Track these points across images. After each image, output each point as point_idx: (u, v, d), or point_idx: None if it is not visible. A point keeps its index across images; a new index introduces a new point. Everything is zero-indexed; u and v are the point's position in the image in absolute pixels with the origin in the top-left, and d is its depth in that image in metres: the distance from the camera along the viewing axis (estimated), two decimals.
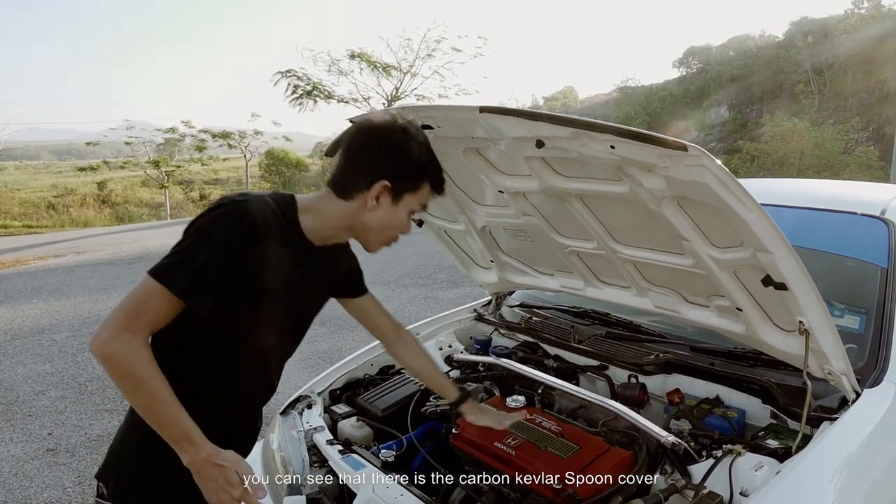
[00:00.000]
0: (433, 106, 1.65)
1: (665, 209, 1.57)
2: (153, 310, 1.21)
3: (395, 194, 1.38)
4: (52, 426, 3.96)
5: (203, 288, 1.22)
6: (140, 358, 1.18)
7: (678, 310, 2.09)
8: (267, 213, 1.28)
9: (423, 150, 1.40)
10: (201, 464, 1.23)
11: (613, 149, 1.39)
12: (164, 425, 1.21)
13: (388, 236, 1.46)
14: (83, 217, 25.90)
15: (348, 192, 1.37)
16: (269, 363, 1.51)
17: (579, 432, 1.84)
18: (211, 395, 1.39)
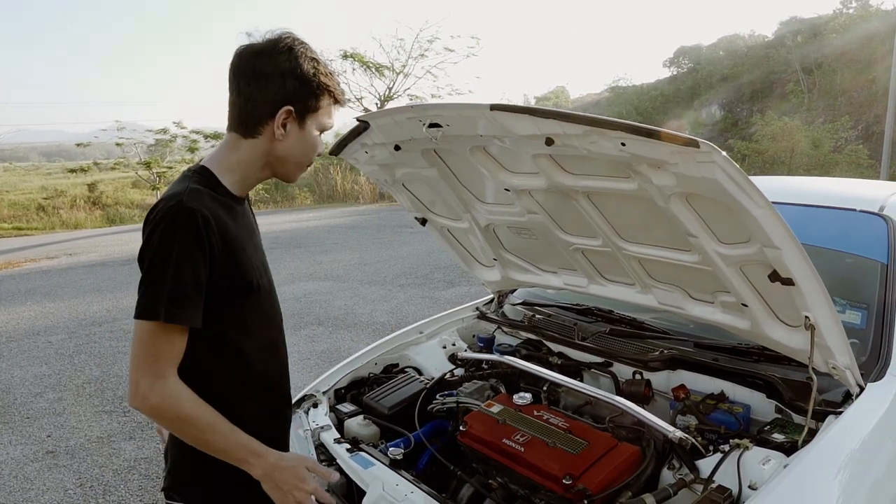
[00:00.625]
0: (443, 104, 1.65)
1: (673, 206, 1.59)
2: (162, 346, 1.20)
3: (300, 117, 1.34)
4: (51, 428, 3.95)
5: (186, 303, 1.20)
6: (182, 397, 1.20)
7: (682, 306, 2.11)
8: (203, 197, 1.26)
9: (315, 65, 1.34)
10: (271, 471, 1.26)
11: (624, 146, 1.40)
12: (226, 451, 1.24)
13: (304, 162, 1.42)
14: (74, 219, 25.68)
15: (252, 128, 1.33)
16: (278, 325, 1.52)
17: (587, 428, 1.85)
18: (251, 386, 1.40)
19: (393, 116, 1.83)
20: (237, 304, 1.33)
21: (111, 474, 3.35)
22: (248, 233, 1.42)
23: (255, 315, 1.40)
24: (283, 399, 1.57)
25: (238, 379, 1.38)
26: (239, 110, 1.33)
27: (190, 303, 1.21)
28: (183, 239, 1.19)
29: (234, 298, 1.32)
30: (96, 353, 5.47)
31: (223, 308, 1.29)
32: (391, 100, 21.84)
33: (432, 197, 2.48)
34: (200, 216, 1.21)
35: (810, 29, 27.65)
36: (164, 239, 1.20)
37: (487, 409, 1.99)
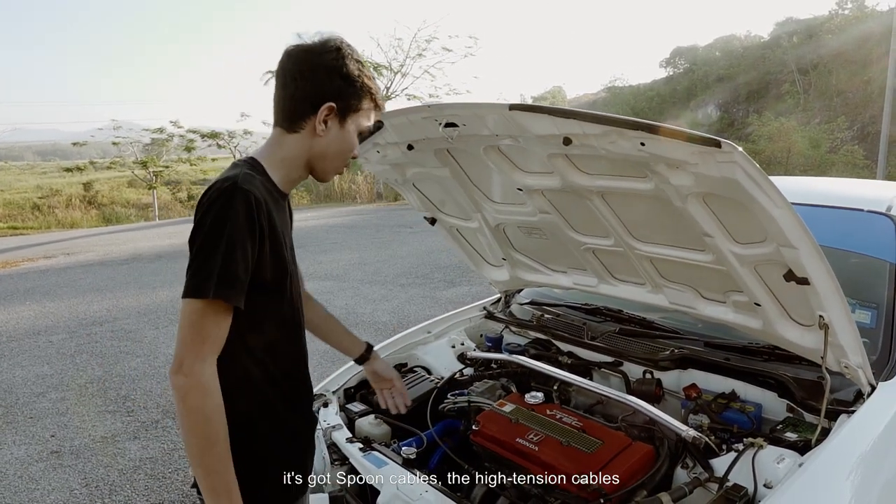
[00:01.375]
0: (460, 104, 1.65)
1: (690, 206, 1.59)
2: (209, 327, 1.21)
3: (342, 116, 1.37)
4: (54, 428, 3.93)
5: (235, 283, 1.21)
6: (210, 393, 1.19)
7: (694, 306, 2.11)
8: (256, 185, 1.28)
9: (360, 66, 1.38)
10: None
11: (643, 146, 1.41)
12: (214, 471, 1.20)
13: (341, 162, 1.45)
14: (69, 218, 25.60)
15: (295, 122, 1.37)
16: (297, 313, 1.51)
17: (600, 427, 1.86)
18: (284, 368, 1.43)
19: (408, 116, 1.83)
20: (269, 292, 1.34)
21: (116, 474, 3.34)
22: (287, 229, 1.45)
23: (284, 307, 1.42)
24: (304, 390, 1.59)
25: (275, 360, 1.40)
26: (284, 105, 1.37)
27: (239, 283, 1.22)
28: (236, 220, 1.20)
29: (269, 285, 1.33)
30: (98, 353, 5.44)
31: (257, 293, 1.29)
32: (389, 99, 21.82)
33: (442, 196, 2.48)
34: (254, 198, 1.23)
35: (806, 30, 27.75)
36: (217, 219, 1.20)
37: (500, 408, 1.99)
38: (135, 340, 5.78)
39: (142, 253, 11.41)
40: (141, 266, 10.01)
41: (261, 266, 1.27)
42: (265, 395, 1.39)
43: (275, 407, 1.40)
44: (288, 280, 1.39)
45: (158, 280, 8.70)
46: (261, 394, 1.38)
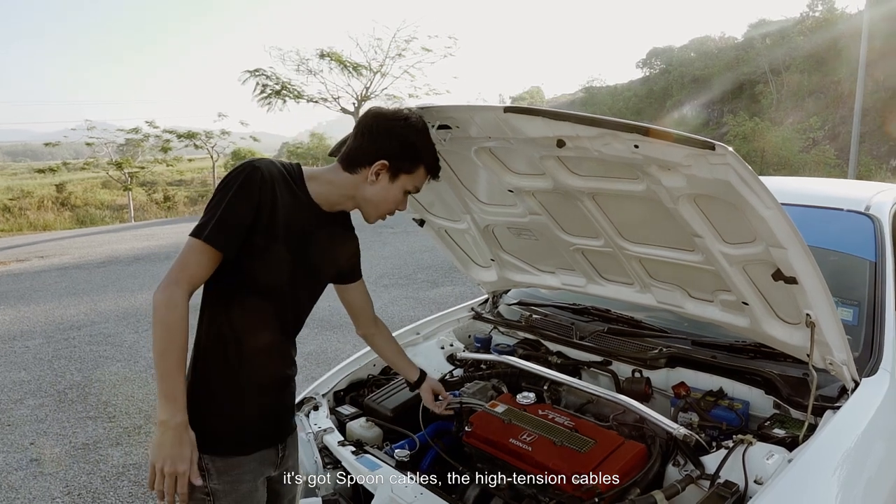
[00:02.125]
0: (455, 106, 1.66)
1: (681, 206, 1.61)
2: (193, 262, 1.41)
3: (393, 173, 1.58)
4: (33, 436, 3.85)
5: (225, 232, 1.41)
6: (176, 307, 1.37)
7: (682, 305, 2.14)
8: (273, 169, 1.49)
9: (421, 137, 1.59)
10: (172, 426, 1.37)
11: (637, 148, 1.42)
12: (165, 376, 1.37)
13: (384, 210, 1.64)
14: (42, 220, 25.11)
15: (353, 166, 1.58)
16: (287, 302, 1.61)
17: (593, 427, 1.87)
18: (253, 326, 1.54)
19: None
20: (255, 255, 1.47)
21: (99, 481, 3.28)
22: (312, 231, 1.58)
23: (263, 280, 1.52)
24: (285, 363, 1.67)
25: (246, 315, 1.53)
26: (349, 151, 1.59)
27: (228, 234, 1.41)
28: (240, 185, 1.42)
29: (254, 250, 1.46)
30: (76, 358, 5.34)
31: (249, 251, 1.46)
32: (368, 99, 21.78)
33: (431, 198, 2.48)
34: (260, 174, 1.44)
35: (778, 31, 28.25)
36: (226, 183, 1.43)
37: (492, 409, 2.00)
38: (114, 345, 5.68)
39: (119, 255, 11.23)
40: (118, 269, 9.85)
41: (252, 230, 1.44)
42: (230, 364, 1.52)
43: (236, 379, 1.53)
44: (270, 252, 1.49)
45: (137, 283, 8.56)
46: (226, 361, 1.52)
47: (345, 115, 22.01)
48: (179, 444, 1.38)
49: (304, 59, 20.75)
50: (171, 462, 1.37)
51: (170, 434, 1.37)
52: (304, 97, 21.07)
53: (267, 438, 1.60)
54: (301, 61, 20.76)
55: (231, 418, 1.52)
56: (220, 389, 1.51)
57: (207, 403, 1.49)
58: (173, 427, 1.37)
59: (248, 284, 1.50)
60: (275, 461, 1.64)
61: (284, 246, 1.51)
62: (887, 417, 1.80)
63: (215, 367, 1.51)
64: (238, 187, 1.42)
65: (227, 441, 1.51)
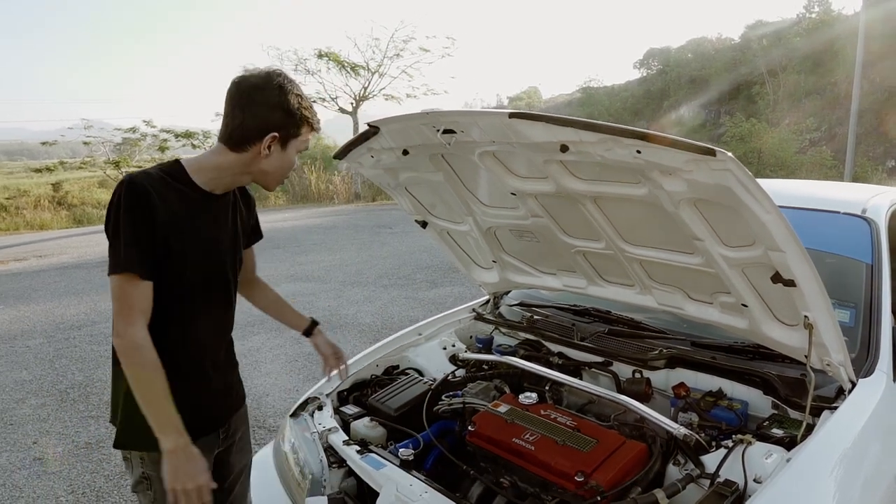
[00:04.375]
0: (460, 111, 1.69)
1: (682, 210, 1.65)
2: (130, 297, 1.45)
3: (283, 142, 1.60)
4: (36, 435, 3.86)
5: (139, 257, 1.45)
6: (142, 348, 1.44)
7: (682, 307, 2.18)
8: (149, 176, 1.50)
9: (298, 100, 1.59)
10: (178, 451, 1.44)
11: (639, 153, 1.45)
12: (156, 410, 1.44)
13: (282, 176, 1.69)
14: (39, 219, 24.99)
15: (240, 145, 1.57)
16: (208, 298, 1.67)
17: (595, 426, 1.90)
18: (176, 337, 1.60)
19: (406, 122, 1.86)
20: (171, 274, 1.53)
21: (103, 480, 3.30)
22: (207, 223, 1.62)
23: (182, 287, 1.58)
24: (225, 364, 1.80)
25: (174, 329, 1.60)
26: (231, 130, 1.57)
27: (139, 257, 1.45)
28: (125, 206, 1.45)
29: (169, 268, 1.52)
30: (77, 358, 5.35)
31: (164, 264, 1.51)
32: (366, 99, 21.78)
33: (433, 200, 2.51)
34: (143, 190, 1.46)
35: (775, 33, 28.29)
36: (113, 209, 1.47)
37: (495, 409, 2.03)
38: None
39: None
40: None
41: (157, 245, 1.48)
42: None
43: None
44: (184, 269, 1.56)
45: None
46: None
47: (342, 115, 22.00)
48: (190, 461, 1.46)
49: (301, 59, 20.77)
50: (192, 479, 1.45)
51: (180, 457, 1.45)
52: None
53: (199, 430, 1.61)
54: (299, 61, 20.78)
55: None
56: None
57: (132, 404, 1.50)
58: (181, 449, 1.45)
59: (164, 293, 1.54)
60: (215, 443, 1.76)
61: (185, 241, 1.55)
62: (883, 417, 1.83)
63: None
64: (130, 211, 1.45)
65: (154, 438, 1.50)
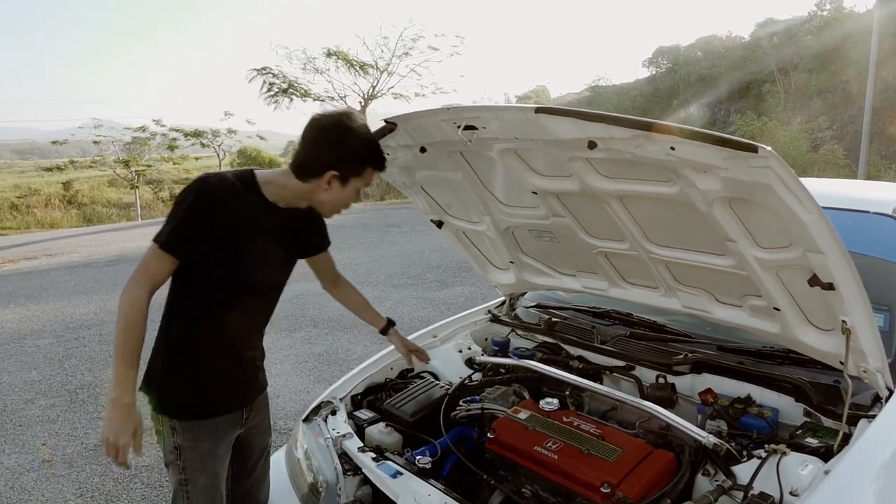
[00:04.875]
0: (482, 107, 1.62)
1: (715, 210, 1.57)
2: (152, 264, 1.61)
3: (343, 180, 1.70)
4: (45, 436, 3.82)
5: (181, 241, 1.61)
6: (137, 306, 1.58)
7: (709, 310, 2.10)
8: (222, 181, 1.66)
9: (364, 143, 1.70)
10: (120, 405, 1.58)
11: (673, 150, 1.38)
12: (121, 364, 1.59)
13: (339, 208, 1.81)
14: (49, 218, 25.19)
15: (304, 176, 1.70)
16: (251, 298, 1.81)
17: (620, 435, 1.83)
18: (216, 316, 1.74)
19: (424, 118, 1.80)
20: (214, 259, 1.66)
21: (112, 483, 3.25)
22: (269, 230, 1.75)
23: (225, 281, 1.71)
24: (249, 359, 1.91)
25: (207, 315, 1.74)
26: (298, 160, 1.71)
27: (182, 242, 1.61)
28: (192, 199, 1.60)
29: (213, 256, 1.65)
30: (87, 358, 5.31)
31: (207, 257, 1.65)
32: (375, 98, 21.74)
33: (450, 199, 2.45)
34: (209, 188, 1.62)
35: (786, 31, 28.04)
36: (181, 198, 1.62)
37: (515, 415, 1.96)
38: None
39: (127, 254, 11.22)
40: (127, 268, 9.82)
41: (206, 239, 1.61)
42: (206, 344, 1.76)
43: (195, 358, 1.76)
44: (238, 272, 1.70)
45: None
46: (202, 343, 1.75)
47: None
48: (124, 419, 1.59)
49: (310, 58, 20.74)
50: (115, 436, 1.59)
51: (117, 411, 1.59)
52: (310, 96, 21.06)
53: (225, 406, 1.82)
54: (308, 60, 20.74)
55: (189, 391, 1.75)
56: (179, 368, 1.74)
57: (169, 376, 1.73)
58: (122, 405, 1.59)
59: (211, 281, 1.69)
60: (239, 422, 1.87)
61: (239, 245, 1.68)
62: None
63: (177, 349, 1.73)
64: (191, 202, 1.60)
65: (186, 407, 1.75)
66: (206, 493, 1.79)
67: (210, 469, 1.79)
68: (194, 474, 1.76)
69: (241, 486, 2.03)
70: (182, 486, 1.78)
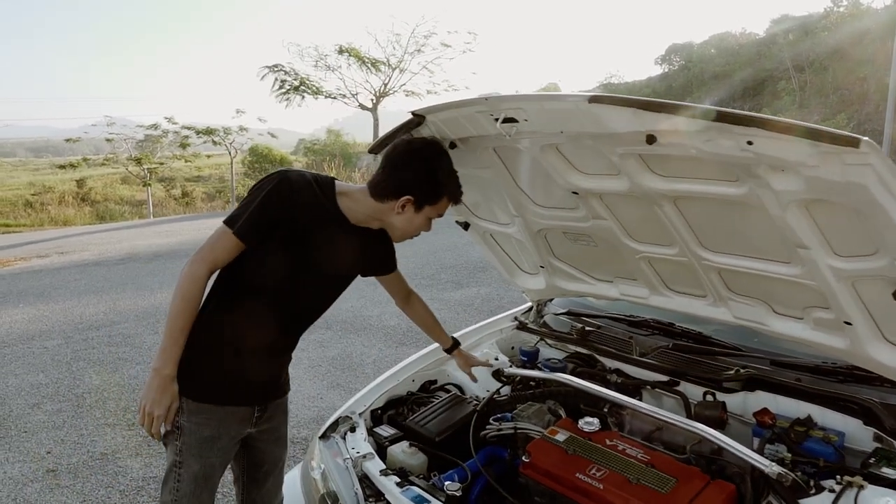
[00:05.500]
0: (525, 96, 1.44)
1: (789, 214, 1.39)
2: (220, 247, 1.63)
3: (418, 206, 1.70)
4: (50, 444, 3.68)
5: (251, 228, 1.62)
6: (193, 281, 1.61)
7: (764, 321, 1.91)
8: (301, 180, 1.67)
9: (444, 172, 1.71)
10: (160, 376, 1.63)
11: (750, 145, 1.20)
12: (170, 336, 1.63)
13: (410, 234, 1.80)
14: (62, 215, 25.28)
15: (380, 196, 1.71)
16: (296, 300, 1.80)
17: (670, 461, 1.65)
18: (252, 314, 1.74)
19: (458, 110, 1.62)
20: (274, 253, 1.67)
21: (118, 496, 3.10)
22: (336, 239, 1.74)
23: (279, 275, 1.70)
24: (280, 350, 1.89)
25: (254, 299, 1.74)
26: (377, 182, 1.71)
27: (253, 230, 1.62)
28: (269, 191, 1.62)
29: (275, 248, 1.66)
30: (95, 360, 5.18)
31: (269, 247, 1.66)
32: (386, 95, 21.57)
33: (477, 199, 2.28)
34: (288, 183, 1.64)
35: (802, 27, 27.61)
36: (258, 186, 1.65)
37: (552, 436, 1.79)
38: (134, 346, 5.53)
39: (138, 252, 11.14)
40: (138, 266, 9.75)
41: (276, 230, 1.63)
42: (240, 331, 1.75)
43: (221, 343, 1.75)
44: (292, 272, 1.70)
45: (156, 281, 8.43)
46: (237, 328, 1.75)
47: (362, 112, 21.80)
48: (162, 391, 1.63)
49: (322, 55, 20.61)
50: (151, 404, 1.63)
51: (157, 381, 1.63)
52: (322, 93, 20.93)
53: (238, 397, 1.78)
54: (319, 57, 20.61)
55: (206, 371, 1.72)
56: (205, 348, 1.71)
57: (192, 351, 1.68)
58: (162, 376, 1.63)
59: (262, 274, 1.69)
60: (249, 420, 1.82)
61: (300, 247, 1.68)
62: None
63: (209, 328, 1.71)
64: (268, 192, 1.62)
65: (197, 387, 1.71)
66: (196, 481, 1.74)
67: (206, 458, 1.75)
68: (189, 458, 1.73)
69: (252, 496, 2.00)
70: (175, 468, 1.75)
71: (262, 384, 1.86)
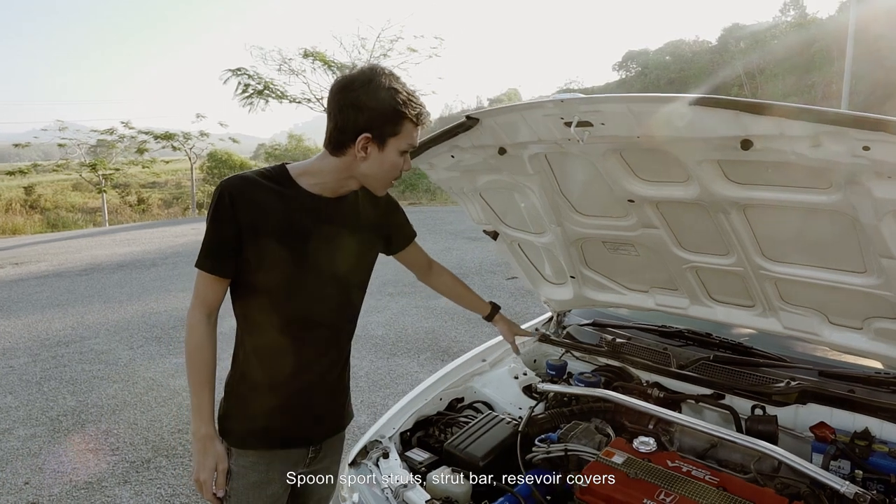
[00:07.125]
0: (610, 97, 1.33)
1: (883, 223, 1.32)
2: (201, 288, 1.55)
3: (379, 142, 1.50)
4: (27, 473, 3.41)
5: (211, 256, 1.51)
6: (197, 330, 1.55)
7: (817, 332, 1.86)
8: (244, 180, 1.53)
9: (392, 94, 1.47)
10: (197, 438, 1.56)
11: (866, 150, 1.12)
12: (192, 392, 1.56)
13: (388, 178, 1.59)
14: (11, 224, 24.18)
15: (338, 149, 1.52)
16: (312, 303, 1.62)
17: (742, 483, 1.57)
18: (273, 334, 1.60)
19: (523, 112, 1.51)
20: (258, 266, 1.52)
21: None
22: (320, 226, 1.57)
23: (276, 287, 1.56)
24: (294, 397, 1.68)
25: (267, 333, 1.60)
26: (329, 133, 1.53)
27: (215, 257, 1.51)
28: (214, 208, 1.49)
29: (255, 261, 1.52)
30: (68, 379, 4.87)
31: (250, 263, 1.52)
32: None
33: (506, 207, 2.17)
34: (228, 193, 1.48)
35: (752, 35, 28.53)
36: (210, 206, 1.52)
37: (608, 458, 1.68)
38: (108, 363, 5.22)
39: (100, 262, 10.65)
40: (102, 277, 9.31)
41: (243, 246, 1.49)
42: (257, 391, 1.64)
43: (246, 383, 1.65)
44: (269, 256, 1.52)
45: (124, 293, 8.06)
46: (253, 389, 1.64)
47: (324, 116, 21.50)
48: (203, 453, 1.56)
49: (286, 59, 20.27)
50: (197, 469, 1.57)
51: (197, 444, 1.56)
52: (286, 97, 20.58)
53: (278, 440, 1.66)
54: (283, 61, 20.26)
55: (241, 417, 1.64)
56: (239, 394, 1.64)
57: (229, 404, 1.65)
58: (199, 438, 1.56)
59: (260, 294, 1.57)
60: (301, 461, 1.71)
61: (284, 248, 1.53)
62: None
63: (240, 372, 1.63)
64: (212, 213, 1.50)
65: (236, 434, 1.63)
66: None
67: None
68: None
69: None
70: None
71: (308, 421, 1.71)
